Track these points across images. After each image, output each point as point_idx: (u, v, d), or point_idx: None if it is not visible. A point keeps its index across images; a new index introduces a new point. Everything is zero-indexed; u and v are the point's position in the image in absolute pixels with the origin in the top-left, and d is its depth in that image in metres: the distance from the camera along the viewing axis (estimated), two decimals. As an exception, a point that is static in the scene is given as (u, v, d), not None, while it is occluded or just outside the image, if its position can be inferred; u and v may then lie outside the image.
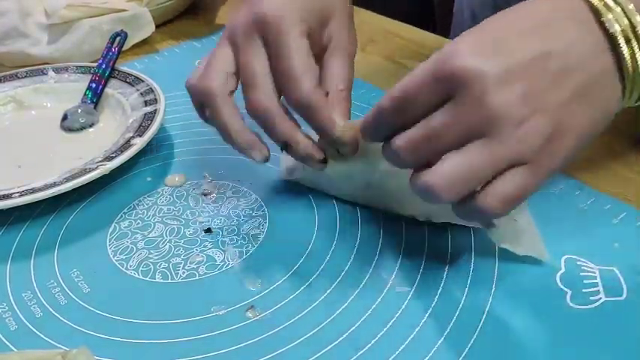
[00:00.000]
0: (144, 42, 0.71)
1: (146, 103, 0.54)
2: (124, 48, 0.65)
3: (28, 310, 0.38)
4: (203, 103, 0.40)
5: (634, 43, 0.31)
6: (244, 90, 0.39)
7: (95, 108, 0.57)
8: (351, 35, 0.43)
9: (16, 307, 0.39)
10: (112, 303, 0.38)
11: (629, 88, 0.32)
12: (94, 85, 0.58)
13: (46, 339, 0.36)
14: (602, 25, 0.31)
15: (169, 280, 0.40)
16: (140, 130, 0.50)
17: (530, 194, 0.31)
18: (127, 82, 0.58)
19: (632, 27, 0.30)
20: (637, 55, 0.31)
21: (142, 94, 0.56)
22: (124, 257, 0.42)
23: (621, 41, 0.31)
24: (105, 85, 0.58)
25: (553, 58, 0.31)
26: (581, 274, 0.37)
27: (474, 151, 0.30)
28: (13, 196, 0.44)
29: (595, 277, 0.37)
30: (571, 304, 0.36)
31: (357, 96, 0.58)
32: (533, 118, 0.30)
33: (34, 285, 0.40)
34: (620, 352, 0.33)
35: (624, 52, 0.31)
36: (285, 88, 0.38)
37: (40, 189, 0.44)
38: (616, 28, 0.30)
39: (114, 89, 0.58)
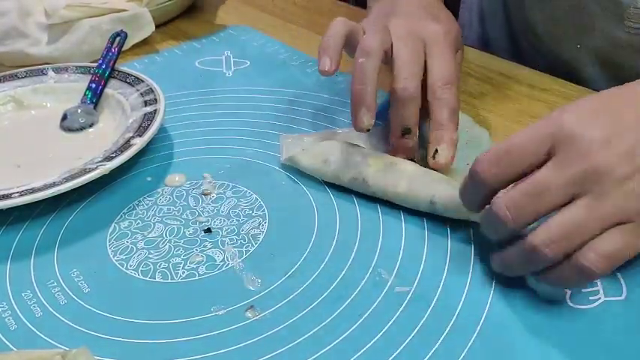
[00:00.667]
0: (144, 42, 0.71)
1: (146, 104, 0.54)
2: (124, 48, 0.65)
3: (28, 310, 0.38)
4: (360, 52, 0.45)
5: None
6: (400, 72, 0.45)
7: (95, 108, 0.57)
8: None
9: (16, 307, 0.39)
10: (112, 303, 0.38)
11: None
12: (93, 86, 0.58)
13: (46, 339, 0.36)
14: None
15: (169, 280, 0.40)
16: (140, 130, 0.50)
17: (632, 255, 0.32)
18: (126, 82, 0.58)
19: None
20: None
21: (141, 94, 0.56)
22: (124, 257, 0.42)
23: None
24: (105, 86, 0.58)
25: None
26: (581, 274, 0.37)
27: (578, 209, 0.31)
28: (12, 196, 0.44)
29: (595, 277, 0.37)
30: (571, 304, 0.36)
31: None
32: (636, 176, 0.31)
33: (34, 285, 0.40)
34: (620, 352, 0.33)
35: None
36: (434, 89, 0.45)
37: (40, 189, 0.44)
38: None
39: (114, 89, 0.58)
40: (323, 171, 0.46)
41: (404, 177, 0.43)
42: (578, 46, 0.58)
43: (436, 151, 0.43)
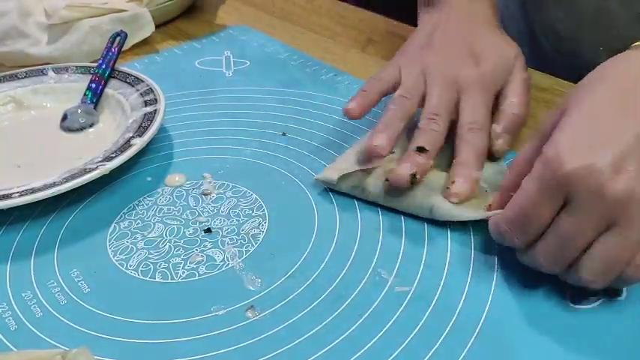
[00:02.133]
0: (144, 42, 0.71)
1: (146, 104, 0.54)
2: (124, 48, 0.65)
3: (28, 310, 0.38)
4: (393, 101, 0.47)
5: None
6: (430, 111, 0.45)
7: (95, 108, 0.57)
8: None
9: (16, 307, 0.39)
10: (112, 303, 0.38)
11: None
12: (93, 86, 0.58)
13: (46, 339, 0.36)
14: None
15: (169, 280, 0.40)
16: (140, 131, 0.50)
17: None
18: (126, 82, 0.58)
19: None
20: None
21: (141, 94, 0.56)
22: (124, 257, 0.42)
23: None
24: (105, 86, 0.58)
25: None
26: (581, 274, 0.37)
27: (610, 242, 0.32)
28: (12, 196, 0.44)
29: (595, 277, 0.37)
30: (571, 304, 0.36)
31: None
32: None
33: (34, 285, 0.40)
34: (620, 352, 0.33)
35: None
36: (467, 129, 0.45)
37: (40, 189, 0.44)
38: None
39: (114, 89, 0.58)
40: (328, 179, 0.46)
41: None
42: (601, 48, 0.57)
43: (453, 182, 0.42)
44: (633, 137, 0.32)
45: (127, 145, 0.48)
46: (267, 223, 0.44)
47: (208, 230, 0.43)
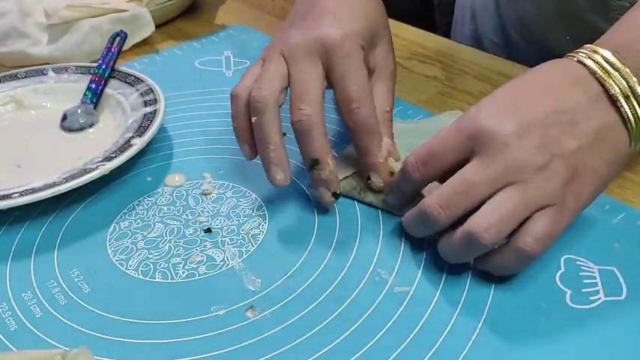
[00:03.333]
0: (144, 42, 0.71)
1: (146, 104, 0.54)
2: (124, 48, 0.65)
3: (28, 310, 0.38)
4: (253, 110, 0.42)
5: (632, 100, 0.35)
6: (294, 103, 0.41)
7: (95, 108, 0.57)
8: (394, 60, 0.47)
9: (16, 307, 0.39)
10: (112, 303, 0.38)
11: (633, 137, 0.36)
12: (93, 86, 0.58)
13: (46, 339, 0.36)
14: (604, 87, 0.35)
15: (169, 280, 0.40)
16: (140, 131, 0.50)
17: (560, 232, 0.35)
18: (126, 82, 0.58)
19: (630, 87, 0.35)
20: (637, 110, 0.35)
21: (141, 94, 0.56)
22: (124, 257, 0.42)
23: (622, 101, 0.35)
24: (105, 86, 0.58)
25: (563, 113, 0.35)
26: (581, 274, 0.38)
27: (506, 196, 0.34)
28: (12, 196, 0.44)
29: (595, 277, 0.37)
30: (571, 304, 0.36)
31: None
32: (552, 163, 0.34)
33: (34, 285, 0.40)
34: (619, 351, 0.33)
35: (625, 109, 0.35)
36: (348, 109, 0.41)
37: (40, 189, 0.44)
38: (616, 90, 0.35)
39: (114, 89, 0.58)
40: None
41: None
42: (568, 38, 0.59)
43: (369, 177, 0.43)
44: (544, 113, 0.35)
45: (127, 145, 0.48)
46: (267, 223, 0.44)
47: (208, 230, 0.43)
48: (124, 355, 0.35)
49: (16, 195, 0.44)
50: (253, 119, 0.42)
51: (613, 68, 0.35)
